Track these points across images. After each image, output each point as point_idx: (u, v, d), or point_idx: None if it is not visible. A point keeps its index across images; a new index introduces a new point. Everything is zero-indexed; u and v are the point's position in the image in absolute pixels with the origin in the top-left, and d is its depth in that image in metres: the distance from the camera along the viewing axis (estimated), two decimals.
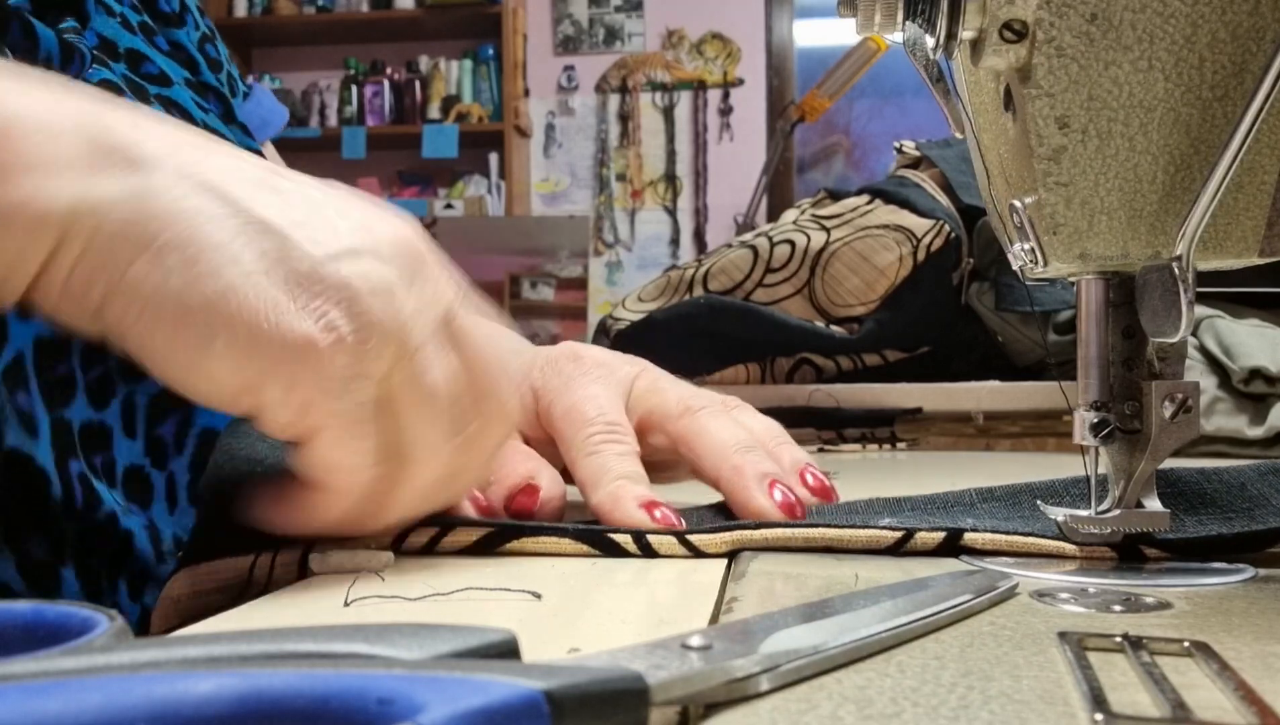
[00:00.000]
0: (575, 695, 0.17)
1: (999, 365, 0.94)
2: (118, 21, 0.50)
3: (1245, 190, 0.34)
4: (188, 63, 0.54)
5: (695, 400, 0.44)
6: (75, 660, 0.17)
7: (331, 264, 0.30)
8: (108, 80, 0.45)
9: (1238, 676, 0.22)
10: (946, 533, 0.36)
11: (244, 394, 0.30)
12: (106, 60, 0.47)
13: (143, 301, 0.28)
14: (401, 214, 0.34)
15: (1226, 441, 0.74)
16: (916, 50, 0.36)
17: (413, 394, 0.32)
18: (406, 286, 0.31)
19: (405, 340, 0.31)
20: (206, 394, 0.30)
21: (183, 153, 0.30)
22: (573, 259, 3.69)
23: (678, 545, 0.37)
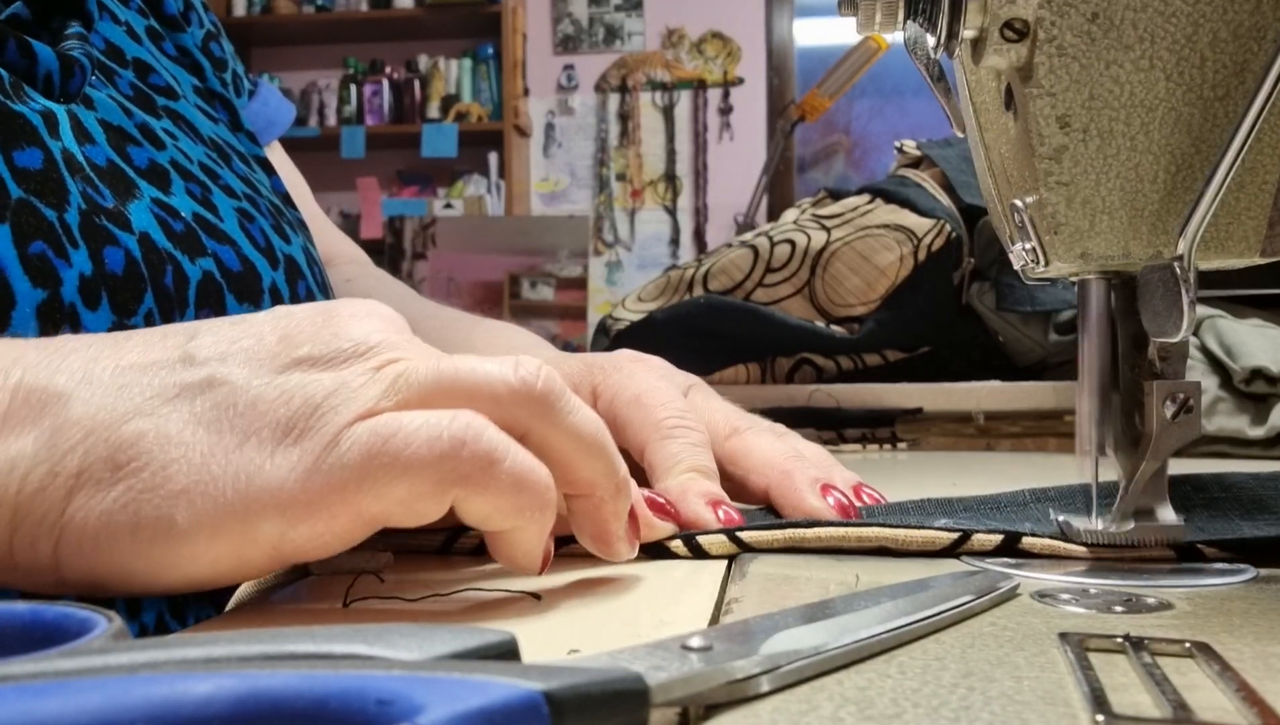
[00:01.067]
0: (575, 696, 0.17)
1: (1000, 365, 0.94)
2: (124, 30, 0.49)
3: (1246, 190, 0.34)
4: (194, 68, 0.54)
5: (742, 421, 0.44)
6: (73, 661, 0.17)
7: (274, 380, 0.28)
8: (113, 96, 0.45)
9: (1239, 677, 0.22)
10: (1005, 535, 0.35)
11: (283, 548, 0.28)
12: (114, 69, 0.47)
13: (94, 530, 0.27)
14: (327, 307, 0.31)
15: (1228, 441, 0.74)
16: (917, 49, 0.36)
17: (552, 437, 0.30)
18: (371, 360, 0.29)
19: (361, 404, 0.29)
20: (234, 569, 0.28)
21: (94, 369, 0.28)
22: (572, 259, 3.69)
23: (729, 543, 0.36)
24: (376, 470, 0.27)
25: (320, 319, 0.30)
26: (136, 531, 0.27)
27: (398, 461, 0.27)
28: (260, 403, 0.28)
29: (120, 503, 0.27)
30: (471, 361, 0.30)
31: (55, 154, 0.38)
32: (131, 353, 0.29)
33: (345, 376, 0.28)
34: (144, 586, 0.28)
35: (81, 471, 0.27)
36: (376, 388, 0.28)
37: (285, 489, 0.27)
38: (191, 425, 0.27)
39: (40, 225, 0.36)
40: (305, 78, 3.95)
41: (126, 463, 0.27)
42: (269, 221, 0.49)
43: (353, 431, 0.27)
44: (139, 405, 0.27)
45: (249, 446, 0.27)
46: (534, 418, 0.30)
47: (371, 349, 0.29)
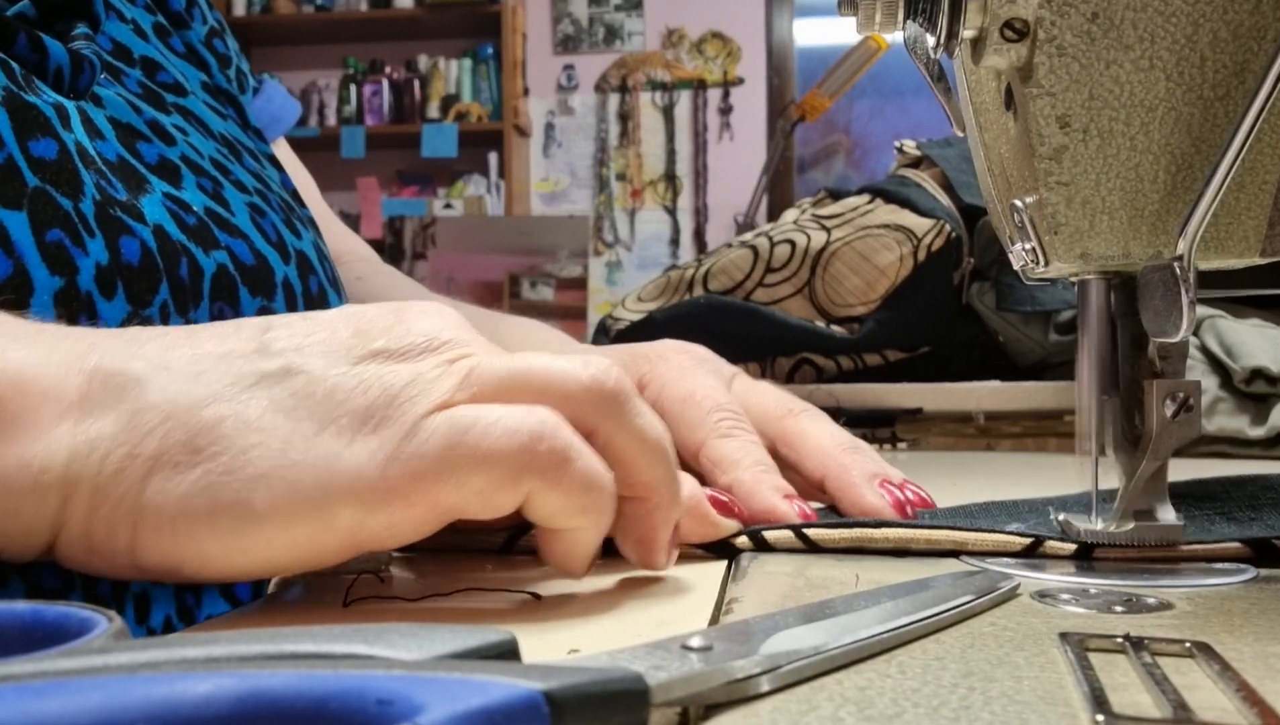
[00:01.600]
0: (575, 696, 0.17)
1: (1000, 365, 0.94)
2: (130, 28, 0.49)
3: (1246, 190, 0.34)
4: (201, 64, 0.54)
5: (795, 403, 0.45)
6: (74, 661, 0.17)
7: (351, 370, 0.28)
8: (122, 94, 0.45)
9: (1239, 677, 0.22)
10: (1079, 544, 0.35)
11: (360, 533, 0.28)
12: (122, 68, 0.47)
13: (171, 513, 0.27)
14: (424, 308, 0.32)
15: (1228, 441, 0.74)
16: (917, 49, 0.36)
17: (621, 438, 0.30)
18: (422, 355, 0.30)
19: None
20: (290, 560, 0.28)
21: (170, 356, 0.28)
22: (572, 259, 3.69)
23: (795, 540, 0.36)
24: (456, 460, 0.27)
25: (392, 316, 0.30)
26: (214, 515, 0.27)
27: (476, 452, 0.27)
28: (338, 392, 0.28)
29: (198, 486, 0.27)
30: (543, 358, 0.30)
31: (69, 145, 0.38)
32: (207, 342, 0.29)
33: (420, 368, 0.29)
34: (219, 571, 0.28)
35: (160, 454, 0.27)
36: (451, 380, 0.29)
37: (364, 477, 0.27)
38: (270, 412, 0.28)
39: (57, 214, 0.36)
40: (305, 77, 3.95)
41: (205, 446, 0.27)
42: (280, 217, 0.49)
43: (431, 421, 0.27)
44: (217, 391, 0.28)
45: (327, 434, 0.27)
46: (602, 416, 0.30)
47: (444, 344, 0.29)
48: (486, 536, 0.38)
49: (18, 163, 0.35)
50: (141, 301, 0.38)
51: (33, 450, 0.27)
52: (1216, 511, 0.40)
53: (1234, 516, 0.39)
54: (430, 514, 0.28)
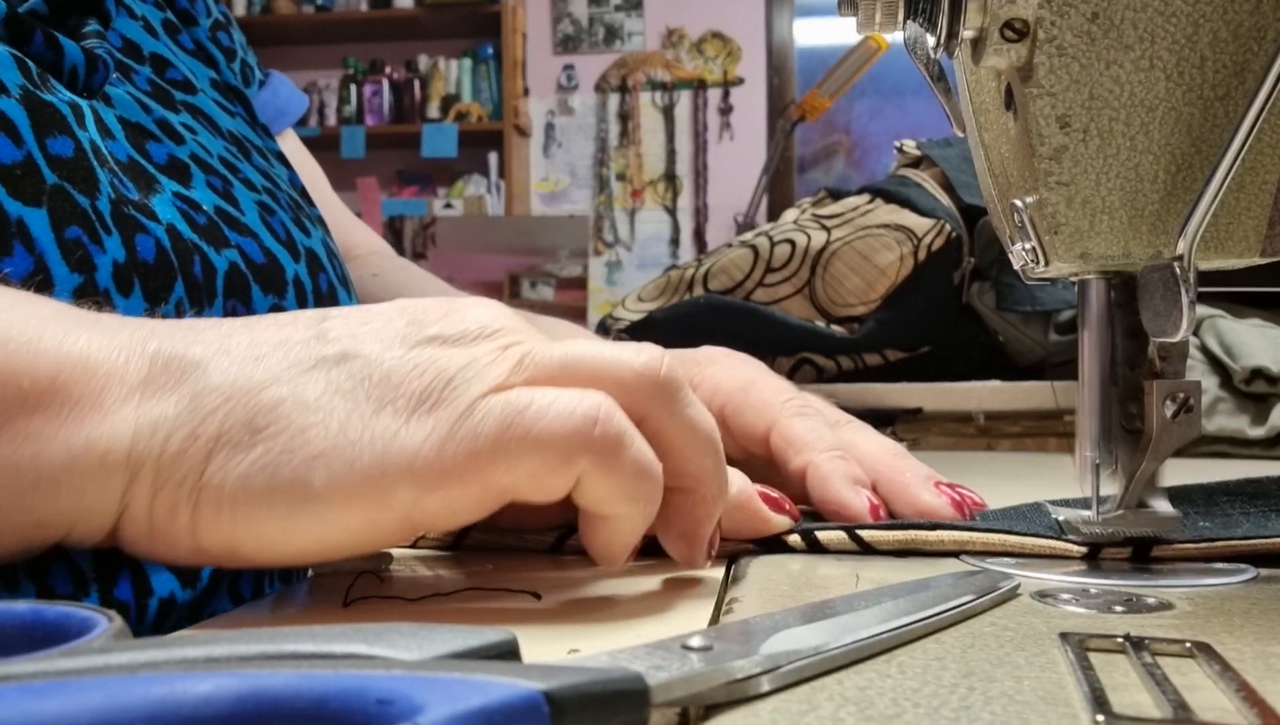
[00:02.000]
0: (575, 696, 0.17)
1: (1000, 365, 0.94)
2: (140, 25, 0.49)
3: (1247, 190, 0.34)
4: (209, 61, 0.54)
5: (842, 415, 0.45)
6: (74, 661, 0.17)
7: (407, 353, 0.29)
8: (131, 93, 0.45)
9: (1239, 677, 0.22)
10: (1134, 544, 0.35)
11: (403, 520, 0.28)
12: (132, 66, 0.47)
13: (231, 492, 0.27)
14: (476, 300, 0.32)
15: (1228, 442, 0.74)
16: (917, 48, 0.36)
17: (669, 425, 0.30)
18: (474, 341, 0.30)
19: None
20: (348, 541, 0.28)
21: (229, 343, 0.29)
22: (572, 259, 3.69)
23: (848, 541, 0.36)
24: (510, 442, 0.27)
25: (445, 306, 0.31)
26: (273, 493, 0.27)
27: (530, 434, 0.27)
28: (395, 374, 0.28)
29: (258, 465, 0.27)
30: (595, 345, 0.30)
31: (84, 144, 0.38)
32: (264, 330, 0.30)
33: (475, 353, 0.29)
34: (278, 552, 0.28)
35: (220, 434, 0.27)
36: (505, 365, 0.29)
37: (420, 456, 0.27)
38: (328, 393, 0.28)
39: (75, 211, 0.36)
40: (305, 78, 3.94)
41: (265, 426, 0.27)
42: (289, 215, 0.49)
43: (486, 403, 0.28)
44: (276, 374, 0.28)
45: (384, 415, 0.28)
46: (654, 404, 0.30)
47: (497, 332, 0.30)
48: (535, 536, 0.37)
49: (36, 160, 0.35)
50: (157, 299, 0.38)
51: (98, 431, 0.27)
52: (1209, 513, 0.40)
53: (1229, 517, 0.39)
54: (484, 495, 0.28)
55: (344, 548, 0.29)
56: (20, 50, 0.38)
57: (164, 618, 0.36)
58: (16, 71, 0.36)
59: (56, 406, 0.27)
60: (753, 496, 0.36)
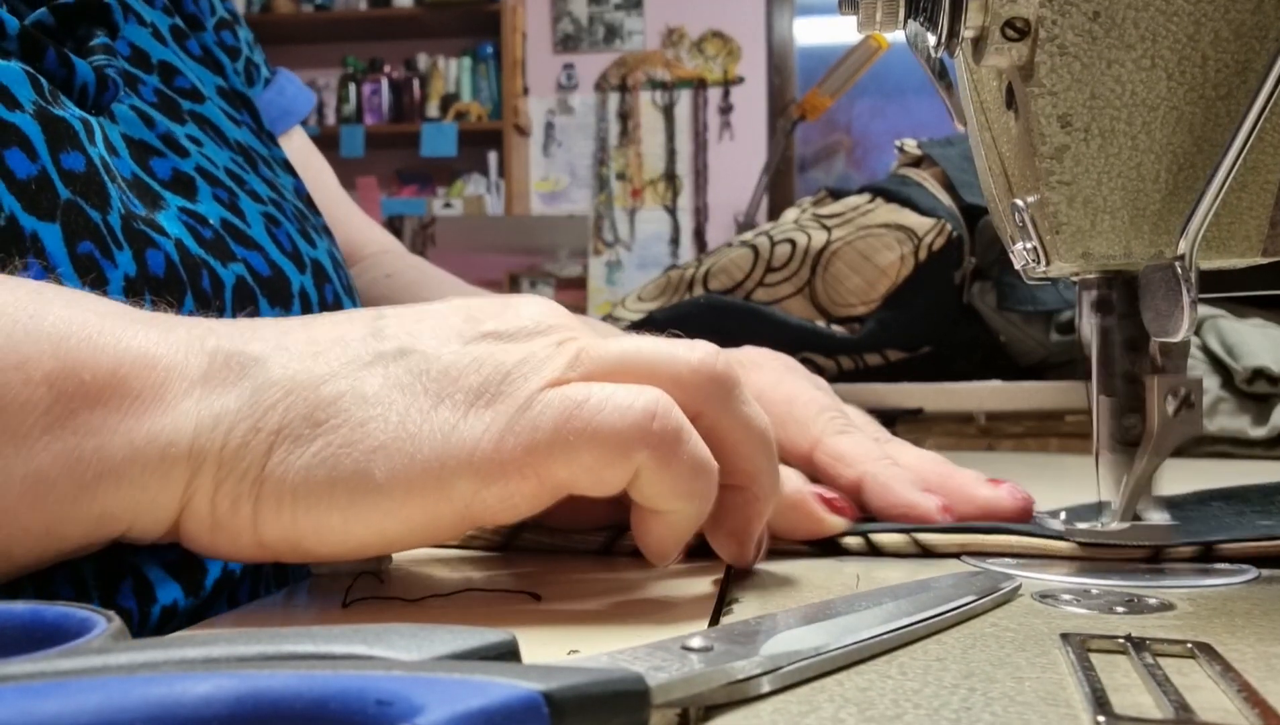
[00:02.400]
0: (575, 697, 0.17)
1: (1001, 365, 0.94)
2: (149, 32, 0.49)
3: (1249, 189, 0.34)
4: (216, 67, 0.53)
5: (881, 432, 0.45)
6: (73, 661, 0.17)
7: (464, 348, 0.29)
8: (136, 107, 0.45)
9: (1241, 678, 0.22)
10: (1199, 545, 0.35)
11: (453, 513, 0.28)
12: (139, 76, 0.47)
13: (292, 484, 0.27)
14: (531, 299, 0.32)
15: (1229, 442, 0.74)
16: (918, 46, 0.36)
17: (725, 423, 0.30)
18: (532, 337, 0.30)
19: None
20: (418, 531, 0.29)
21: (287, 340, 0.29)
22: (572, 258, 3.69)
23: (908, 543, 0.36)
24: (568, 434, 0.27)
25: (499, 304, 0.31)
26: (334, 486, 0.27)
27: (589, 427, 0.27)
28: (453, 369, 0.29)
29: (319, 458, 0.27)
30: (650, 341, 0.31)
31: (95, 159, 0.38)
32: (321, 328, 0.30)
33: (531, 348, 0.29)
34: (339, 544, 0.28)
35: (281, 428, 0.28)
36: (562, 359, 0.29)
37: (479, 449, 0.27)
38: (387, 387, 0.28)
39: (87, 226, 0.36)
40: (304, 77, 3.94)
41: (325, 420, 0.28)
42: (294, 226, 0.49)
43: (544, 396, 0.28)
44: (335, 369, 0.29)
45: (443, 408, 0.28)
46: (709, 401, 0.30)
47: (552, 328, 0.30)
48: (586, 537, 0.37)
49: (50, 175, 0.36)
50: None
51: (160, 424, 0.27)
52: (1206, 515, 0.40)
53: (1224, 522, 0.39)
54: (542, 488, 0.28)
55: (403, 540, 0.29)
56: (33, 66, 0.38)
57: (165, 624, 0.36)
58: (29, 88, 0.36)
59: (118, 400, 0.27)
60: (808, 497, 0.36)
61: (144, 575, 0.35)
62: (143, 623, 0.35)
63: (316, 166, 0.67)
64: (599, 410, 0.28)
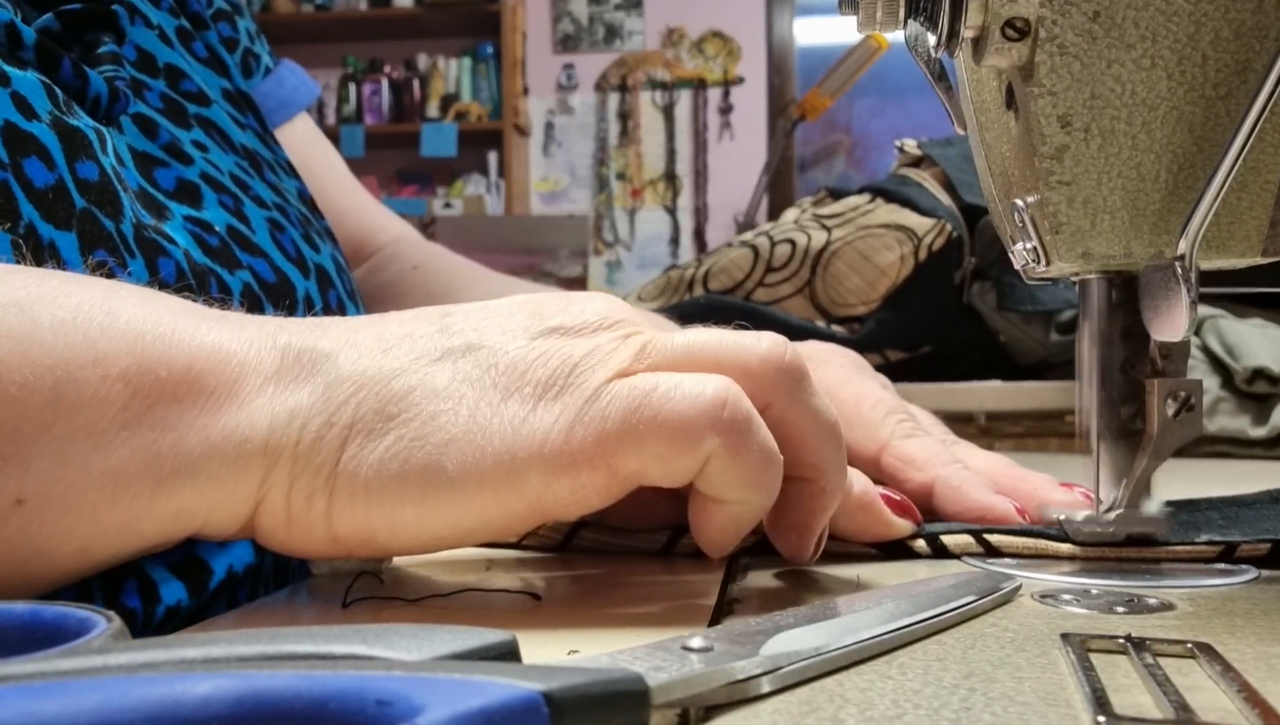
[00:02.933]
0: (575, 697, 0.17)
1: (1001, 365, 0.94)
2: (156, 34, 0.49)
3: (1249, 189, 0.34)
4: (221, 69, 0.53)
5: (949, 434, 0.45)
6: (73, 661, 0.17)
7: (530, 343, 0.29)
8: (141, 113, 0.45)
9: (1241, 678, 0.22)
10: (1273, 544, 0.35)
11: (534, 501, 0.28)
12: (146, 81, 0.47)
13: (365, 478, 0.27)
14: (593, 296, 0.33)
15: (1229, 442, 0.74)
16: (918, 46, 0.36)
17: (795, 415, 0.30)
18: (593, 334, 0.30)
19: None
20: (491, 526, 0.29)
21: (356, 336, 0.29)
22: (572, 258, 3.69)
23: (975, 544, 0.36)
24: (637, 424, 0.27)
25: (563, 300, 0.31)
26: (406, 479, 0.27)
27: (658, 416, 0.27)
28: (520, 363, 0.29)
29: (391, 452, 0.28)
30: (716, 333, 0.30)
31: (108, 169, 0.38)
32: (389, 326, 0.30)
33: (597, 341, 0.29)
34: (413, 537, 0.29)
35: (355, 422, 0.28)
36: (628, 351, 0.29)
37: (550, 441, 0.28)
38: (457, 382, 0.28)
39: (101, 234, 0.36)
40: None
41: (397, 414, 0.28)
42: (299, 231, 0.49)
43: (611, 387, 0.28)
44: (405, 364, 0.29)
45: (512, 402, 0.28)
46: (777, 392, 0.30)
47: (617, 322, 0.30)
48: (646, 537, 0.37)
49: (67, 184, 0.36)
50: None
51: (235, 420, 0.28)
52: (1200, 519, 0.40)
53: (1219, 524, 0.39)
54: (613, 479, 0.28)
55: (476, 534, 0.29)
56: (48, 76, 0.38)
57: (168, 624, 0.36)
58: (45, 98, 0.37)
59: (193, 396, 0.27)
60: (876, 499, 0.36)
61: (148, 575, 0.35)
62: (147, 622, 0.35)
63: (323, 154, 0.66)
64: (668, 398, 0.28)
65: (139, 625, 0.34)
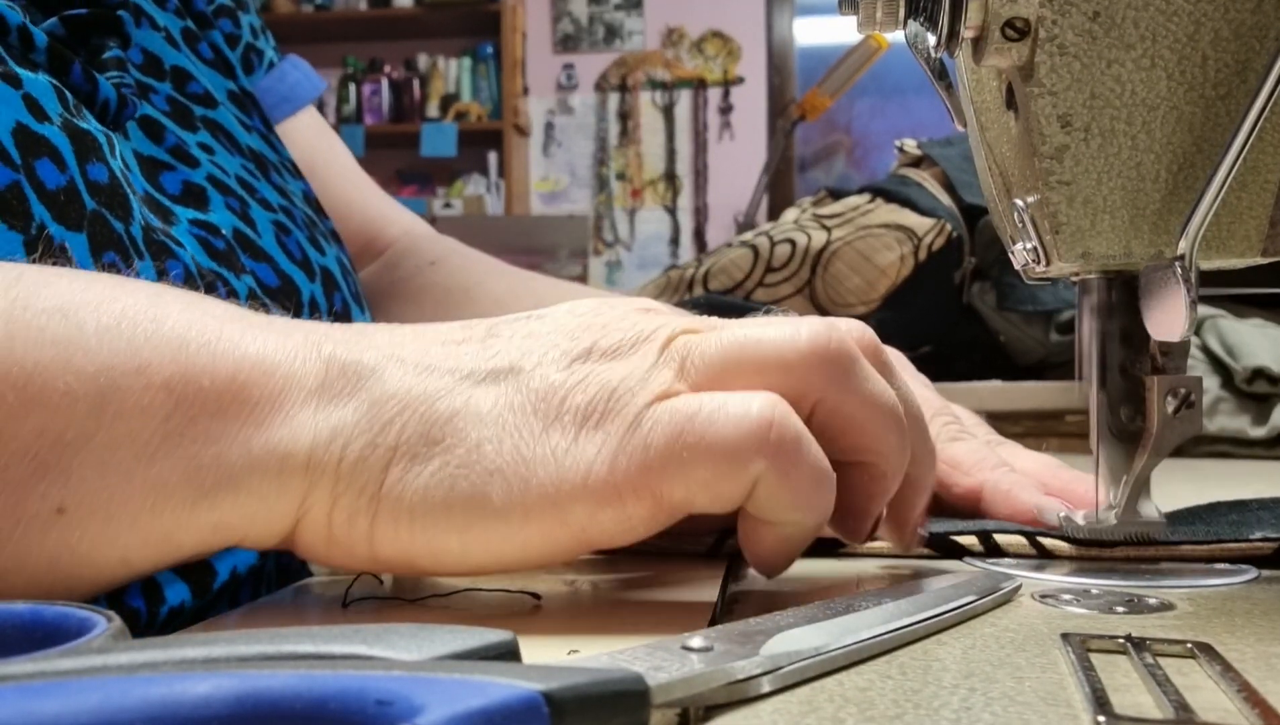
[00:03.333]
0: (575, 697, 0.17)
1: (1001, 365, 0.94)
2: (162, 36, 0.49)
3: (1248, 189, 0.34)
4: (228, 70, 0.54)
5: (994, 434, 0.45)
6: (73, 661, 0.17)
7: (570, 368, 0.28)
8: (147, 116, 0.45)
9: (1240, 678, 0.22)
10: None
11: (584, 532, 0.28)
12: (152, 84, 0.47)
13: (409, 503, 0.27)
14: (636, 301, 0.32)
15: (1229, 441, 0.74)
16: (918, 45, 0.36)
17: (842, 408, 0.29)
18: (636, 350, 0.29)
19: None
20: (529, 555, 0.28)
21: (401, 351, 0.29)
22: (572, 258, 3.69)
23: (1027, 545, 0.36)
24: (681, 451, 0.27)
25: (599, 314, 0.30)
26: (451, 508, 0.27)
27: (702, 442, 0.27)
28: (558, 390, 0.28)
29: (436, 478, 0.27)
30: (754, 329, 0.29)
31: (116, 171, 0.38)
32: (433, 338, 0.30)
33: (634, 362, 0.28)
34: (455, 564, 0.28)
35: (399, 445, 0.27)
36: (668, 371, 0.28)
37: (594, 472, 0.27)
38: (500, 407, 0.28)
39: (111, 236, 0.36)
40: None
41: (442, 438, 0.27)
42: (304, 234, 0.49)
43: (653, 412, 0.27)
44: (450, 385, 0.28)
45: (554, 432, 0.28)
46: (828, 383, 0.29)
47: (652, 333, 0.29)
48: (693, 540, 0.37)
49: (78, 186, 0.36)
50: None
51: (279, 435, 0.27)
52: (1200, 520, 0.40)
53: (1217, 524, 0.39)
54: (659, 509, 0.27)
55: (519, 563, 0.28)
56: (59, 80, 0.38)
57: (171, 624, 0.36)
58: (56, 100, 0.37)
59: (237, 408, 0.27)
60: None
61: (152, 577, 0.35)
62: (150, 623, 0.35)
63: (328, 146, 0.65)
64: (711, 422, 0.27)
65: (142, 625, 0.34)
